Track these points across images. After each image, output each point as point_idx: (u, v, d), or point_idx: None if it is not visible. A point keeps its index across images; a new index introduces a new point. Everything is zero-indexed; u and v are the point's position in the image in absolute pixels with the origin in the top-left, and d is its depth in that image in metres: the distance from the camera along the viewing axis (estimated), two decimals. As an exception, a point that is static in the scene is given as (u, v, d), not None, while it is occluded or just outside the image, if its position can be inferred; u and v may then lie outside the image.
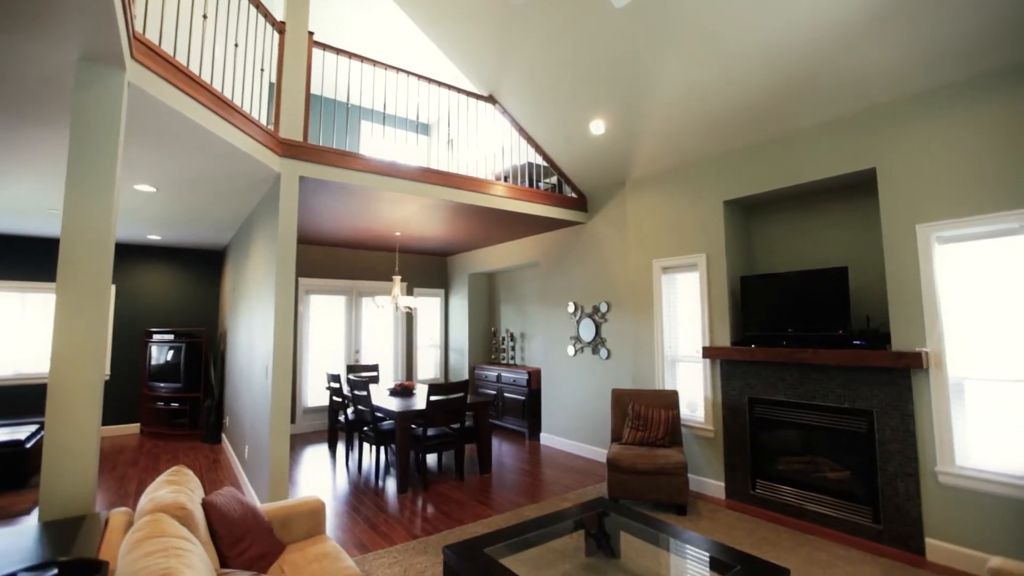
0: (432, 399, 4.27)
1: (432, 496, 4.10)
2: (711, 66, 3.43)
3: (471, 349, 7.59)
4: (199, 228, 5.51)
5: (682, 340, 4.49)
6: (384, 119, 4.45)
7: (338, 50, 3.99)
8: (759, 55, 3.23)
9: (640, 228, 4.83)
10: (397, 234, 6.07)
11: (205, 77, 4.30)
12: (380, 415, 4.60)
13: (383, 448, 5.55)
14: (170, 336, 6.42)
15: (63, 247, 2.01)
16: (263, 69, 3.77)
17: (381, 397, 4.90)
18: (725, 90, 3.57)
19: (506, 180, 5.61)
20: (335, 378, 5.26)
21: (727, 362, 4.03)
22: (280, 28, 3.61)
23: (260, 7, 3.34)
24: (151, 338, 6.41)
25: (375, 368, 6.46)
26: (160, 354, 6.36)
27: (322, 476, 4.69)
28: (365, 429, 4.67)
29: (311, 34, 3.77)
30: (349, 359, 7.14)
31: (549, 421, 5.83)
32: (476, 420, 4.76)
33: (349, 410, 5.28)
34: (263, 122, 3.54)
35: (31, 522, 3.51)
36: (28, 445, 4.32)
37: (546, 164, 5.33)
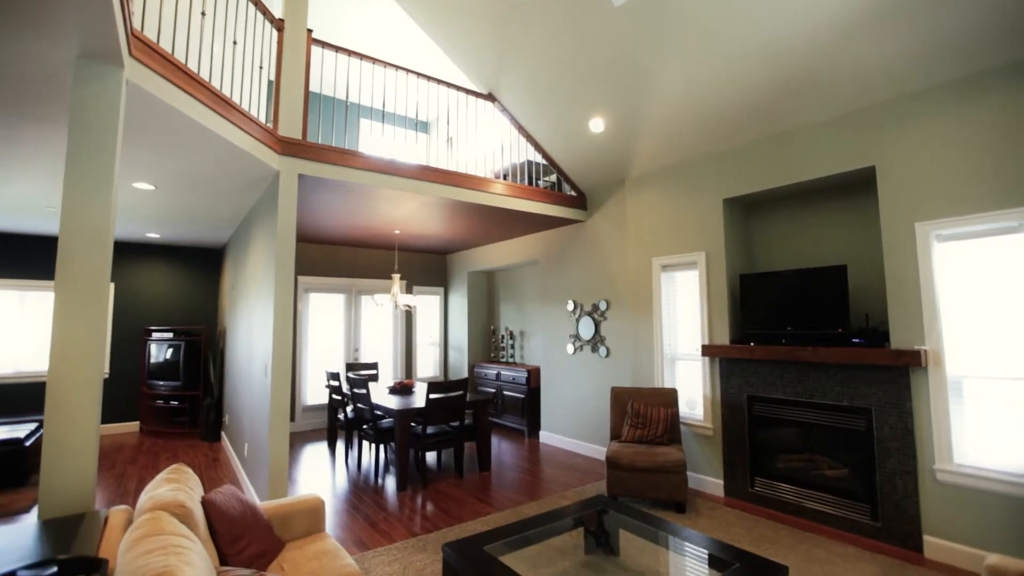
0: (431, 397, 4.27)
1: (431, 494, 4.11)
2: (711, 64, 3.43)
3: (470, 347, 7.59)
4: (198, 226, 5.51)
5: (681, 338, 4.49)
6: (383, 117, 4.44)
7: (337, 48, 3.97)
8: (759, 53, 3.23)
9: (639, 226, 4.83)
10: (396, 232, 6.06)
11: (204, 75, 4.29)
12: (379, 413, 4.60)
13: (382, 446, 5.56)
14: (169, 334, 6.42)
15: (62, 245, 2.00)
16: (262, 67, 3.76)
17: (380, 395, 4.90)
18: (725, 88, 3.57)
19: (505, 178, 5.61)
20: (334, 376, 5.26)
21: (726, 360, 4.04)
22: (279, 25, 3.60)
23: (258, 4, 3.33)
24: (150, 336, 6.41)
25: (374, 366, 6.47)
26: (159, 352, 6.36)
27: (321, 474, 4.69)
28: (364, 427, 4.68)
29: (310, 31, 3.76)
30: (348, 357, 7.14)
31: (548, 419, 5.83)
32: (475, 418, 4.76)
33: (348, 408, 5.28)
34: (262, 120, 3.53)
35: (30, 520, 3.51)
36: (27, 443, 4.32)
37: (545, 162, 5.33)
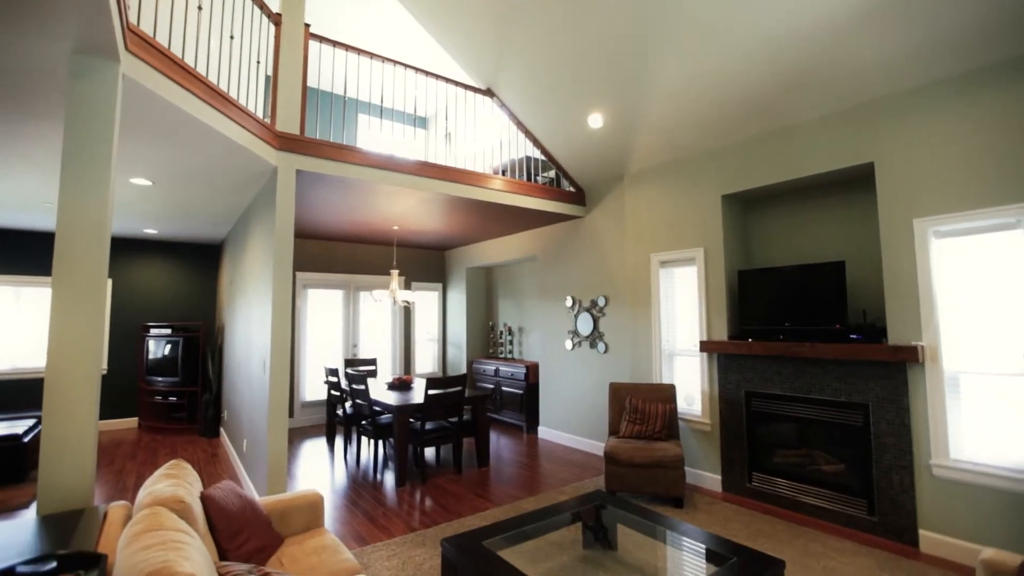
0: (430, 393, 4.28)
1: (430, 489, 4.12)
2: (710, 60, 3.42)
3: (469, 343, 7.59)
4: (196, 222, 5.49)
5: (679, 334, 4.50)
6: (381, 112, 4.42)
7: (335, 42, 3.95)
8: (758, 49, 3.22)
9: (638, 222, 4.82)
10: (395, 228, 6.05)
11: (200, 69, 4.26)
12: (378, 409, 4.61)
13: (381, 442, 5.57)
14: (167, 330, 6.41)
15: (59, 241, 1.99)
16: (259, 61, 3.74)
17: (379, 391, 4.90)
18: (724, 84, 3.56)
19: (504, 174, 5.60)
20: (333, 372, 5.27)
21: (724, 356, 4.05)
22: (276, 20, 3.58)
23: (256, -2, 3.31)
24: (148, 332, 6.40)
25: (373, 362, 6.47)
26: (157, 348, 6.35)
27: (320, 470, 4.70)
28: (363, 423, 4.68)
29: (307, 26, 3.74)
30: (347, 353, 7.14)
31: (547, 415, 5.85)
32: (474, 414, 4.77)
33: (347, 404, 5.28)
34: (259, 115, 3.51)
35: (29, 516, 3.52)
36: (26, 439, 4.32)
37: (544, 158, 5.32)
